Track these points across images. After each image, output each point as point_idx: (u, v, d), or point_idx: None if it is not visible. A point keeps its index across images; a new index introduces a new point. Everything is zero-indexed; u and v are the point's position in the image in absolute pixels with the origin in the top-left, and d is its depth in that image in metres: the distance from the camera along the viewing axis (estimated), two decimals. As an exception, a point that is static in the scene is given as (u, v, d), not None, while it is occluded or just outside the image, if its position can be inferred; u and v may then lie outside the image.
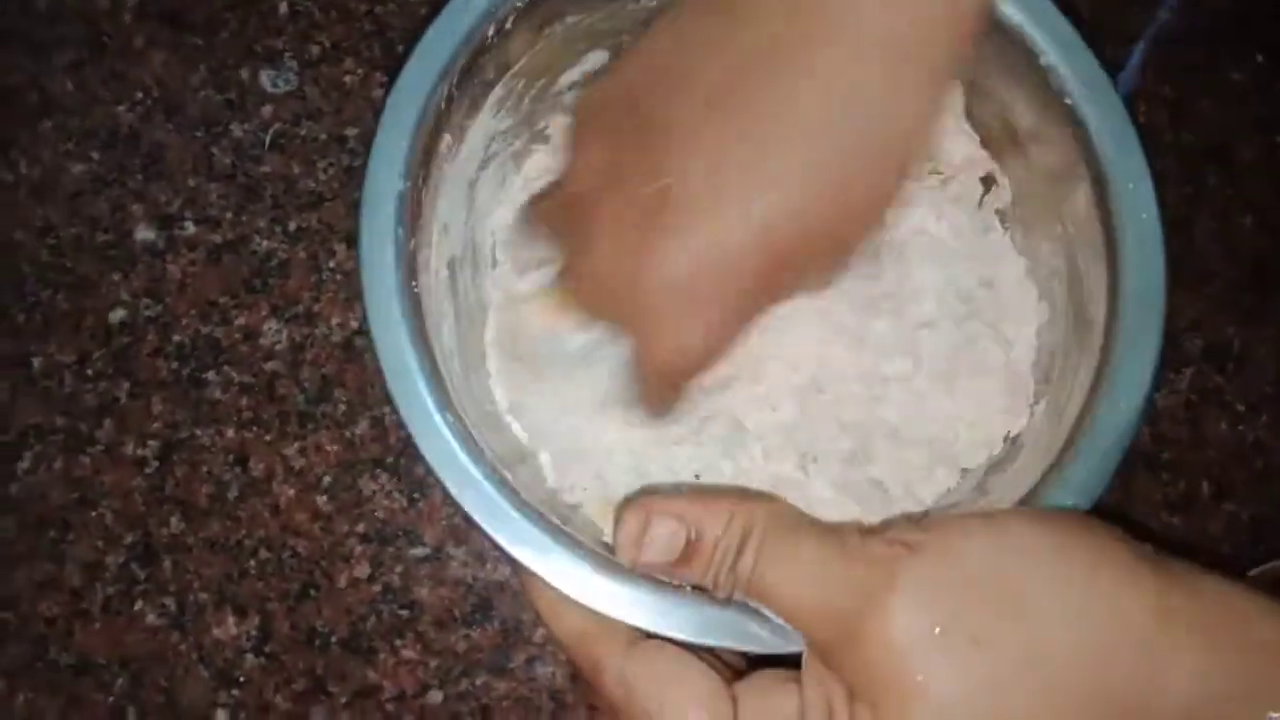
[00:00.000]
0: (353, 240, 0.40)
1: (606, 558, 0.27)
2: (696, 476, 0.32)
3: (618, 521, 0.26)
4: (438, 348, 0.29)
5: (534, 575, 0.27)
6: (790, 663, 0.25)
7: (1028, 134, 0.33)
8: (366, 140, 0.41)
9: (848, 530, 0.25)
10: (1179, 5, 0.43)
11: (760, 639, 0.26)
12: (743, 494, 0.28)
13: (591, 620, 0.26)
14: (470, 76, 0.31)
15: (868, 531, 0.24)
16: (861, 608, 0.23)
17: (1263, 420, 0.39)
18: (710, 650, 0.26)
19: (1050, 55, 0.31)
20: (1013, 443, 0.33)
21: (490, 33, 0.31)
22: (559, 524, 0.27)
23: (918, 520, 0.25)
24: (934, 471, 0.32)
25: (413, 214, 0.30)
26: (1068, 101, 0.31)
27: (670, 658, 0.25)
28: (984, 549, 0.23)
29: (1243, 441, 0.39)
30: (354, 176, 0.41)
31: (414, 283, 0.29)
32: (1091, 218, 0.31)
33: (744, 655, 0.27)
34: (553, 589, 0.26)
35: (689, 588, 0.26)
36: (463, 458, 0.27)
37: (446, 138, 0.32)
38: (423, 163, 0.30)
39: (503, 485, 0.27)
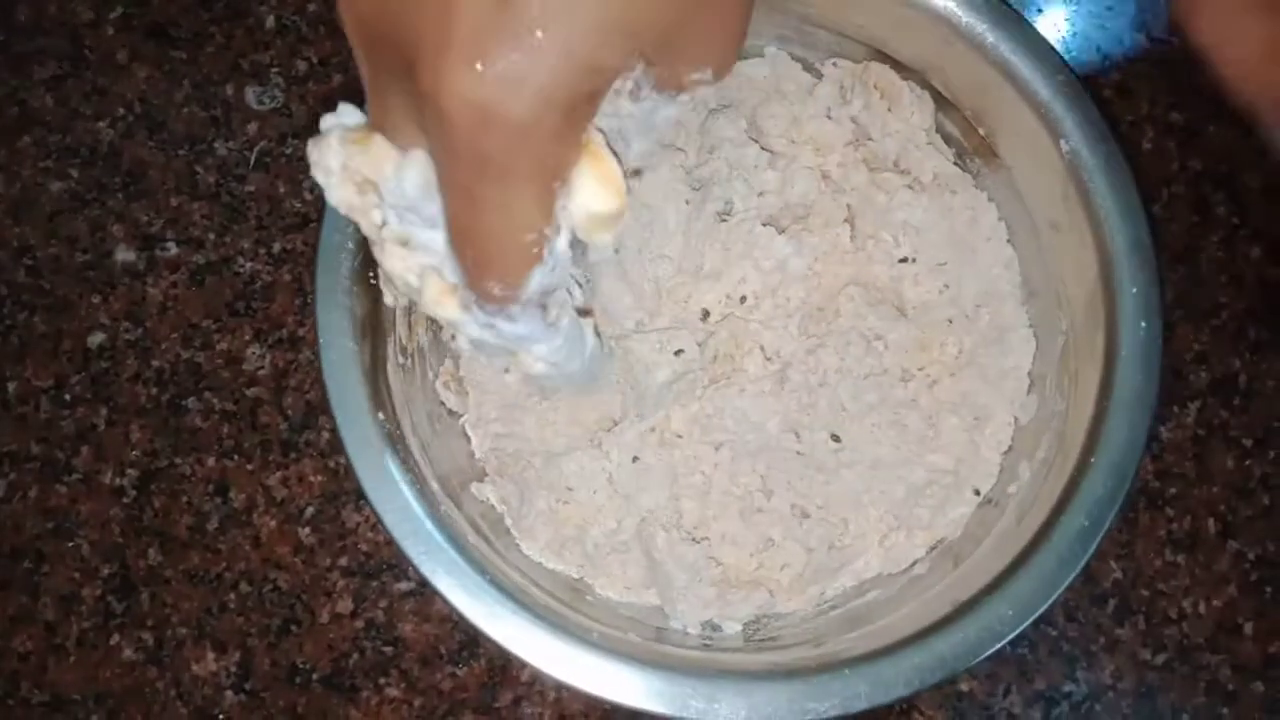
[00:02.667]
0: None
1: (583, 631, 0.27)
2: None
3: None
4: (394, 344, 0.30)
5: None
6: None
7: (1046, 221, 0.33)
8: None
9: None
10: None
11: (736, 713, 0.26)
12: None
13: (1266, 32, 0.20)
14: None
15: None
16: None
17: (1270, 455, 0.39)
18: None
19: (1074, 140, 0.31)
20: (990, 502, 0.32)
21: None
22: (534, 598, 0.28)
23: None
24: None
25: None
26: (1090, 195, 0.31)
27: None
28: None
29: (1249, 477, 0.38)
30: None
31: (371, 274, 0.29)
32: (1095, 318, 0.30)
33: None
34: None
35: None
36: (438, 538, 0.28)
37: None
38: None
39: (470, 551, 0.28)
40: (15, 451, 0.37)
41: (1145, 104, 0.42)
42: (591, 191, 0.21)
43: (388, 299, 0.31)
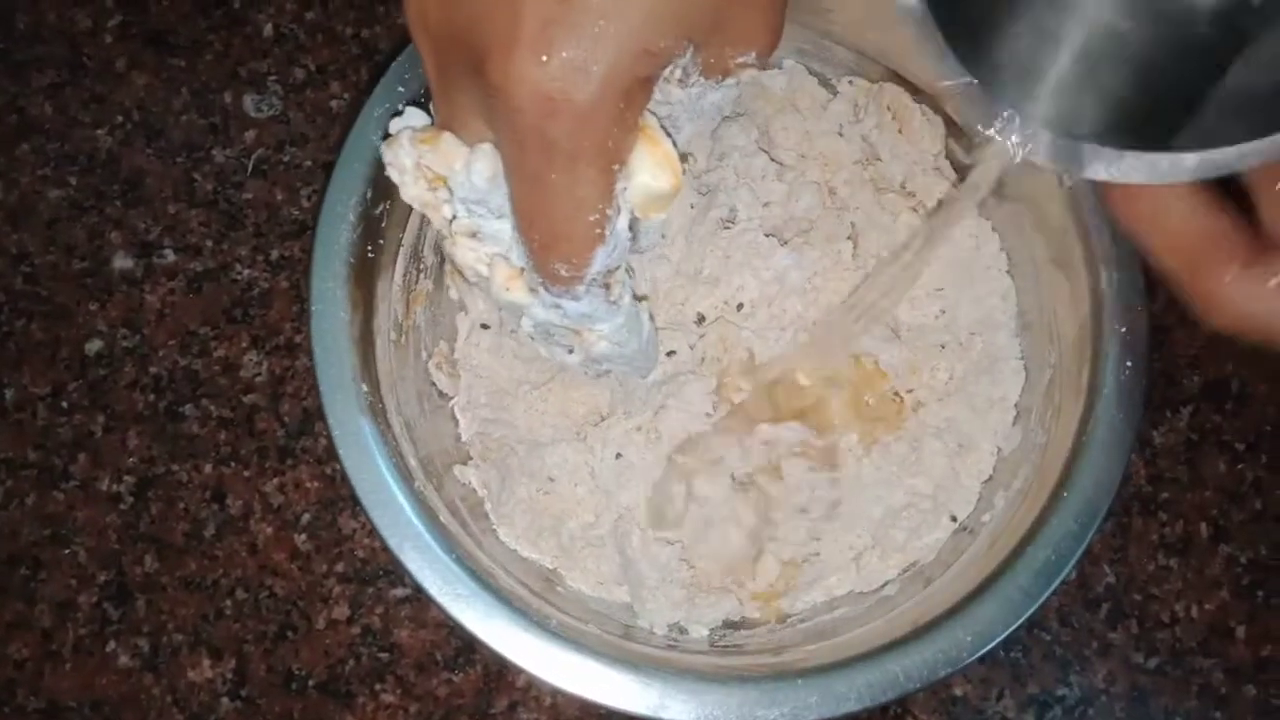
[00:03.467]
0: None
1: (542, 618, 0.27)
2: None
3: None
4: (385, 319, 0.30)
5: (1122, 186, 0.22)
6: None
7: (1046, 255, 0.33)
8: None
9: None
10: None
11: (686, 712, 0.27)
12: None
13: (1199, 225, 0.21)
14: None
15: None
16: None
17: (1262, 460, 0.39)
18: None
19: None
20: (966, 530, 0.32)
21: None
22: (498, 580, 0.28)
23: None
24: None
25: (390, 182, 0.30)
26: (1089, 232, 0.31)
27: None
28: None
29: (1241, 481, 0.39)
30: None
31: (369, 248, 0.29)
32: (1082, 354, 0.30)
33: None
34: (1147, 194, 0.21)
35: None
36: (408, 512, 0.28)
37: None
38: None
39: (439, 528, 0.28)
40: (12, 458, 0.37)
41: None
42: (649, 172, 0.23)
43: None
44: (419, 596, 0.36)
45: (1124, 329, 0.30)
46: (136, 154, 0.40)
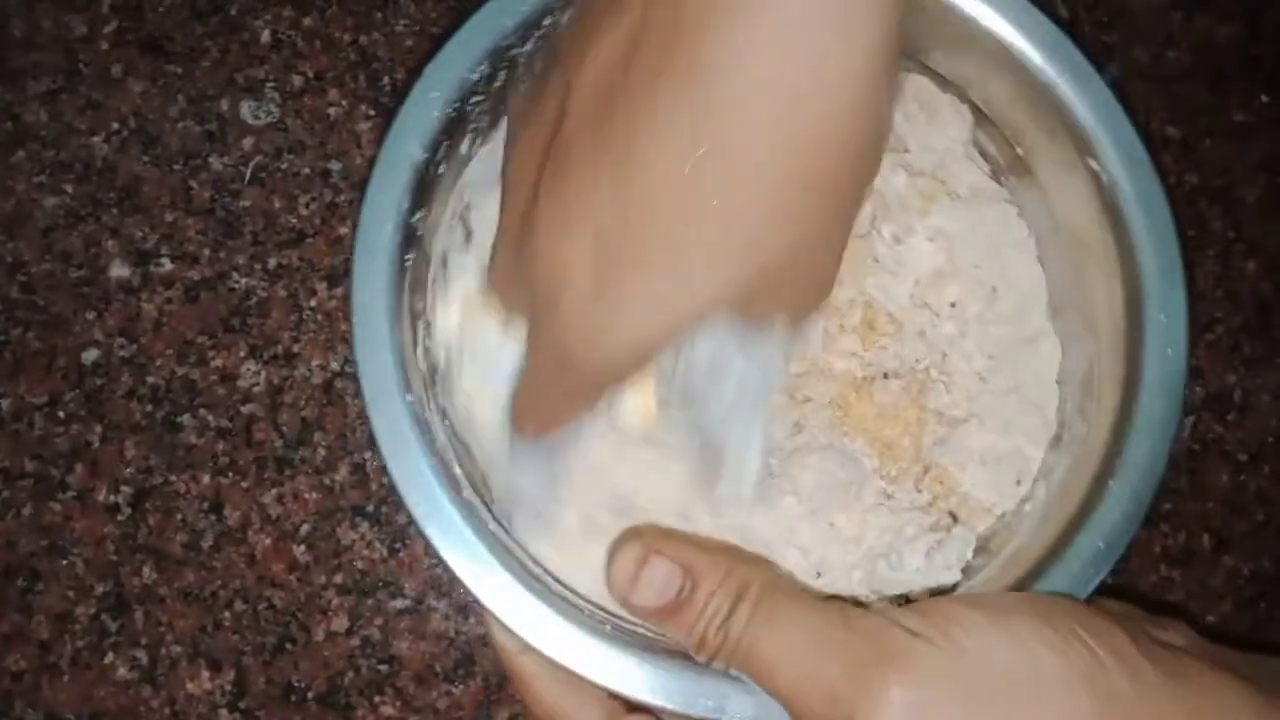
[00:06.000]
0: (335, 279, 0.39)
1: (596, 622, 0.27)
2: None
3: (613, 554, 0.25)
4: (421, 340, 0.30)
5: (513, 637, 0.26)
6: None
7: (1078, 243, 0.33)
8: (350, 175, 0.40)
9: (845, 605, 0.24)
10: (1172, 40, 0.43)
11: (744, 711, 0.26)
12: (736, 552, 0.26)
13: (569, 689, 0.26)
14: (515, 62, 0.30)
15: (864, 611, 0.24)
16: (858, 693, 0.22)
17: (1265, 470, 0.39)
18: None
19: (1109, 164, 0.31)
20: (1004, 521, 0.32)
21: (547, 21, 0.30)
22: (550, 586, 0.27)
23: (912, 605, 0.24)
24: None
25: (426, 189, 0.29)
26: (1123, 220, 0.30)
27: None
28: (989, 647, 0.22)
29: (1244, 492, 0.38)
30: (336, 212, 0.39)
31: (407, 256, 0.29)
32: (1121, 343, 0.30)
33: None
34: (534, 656, 0.26)
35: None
36: (456, 519, 0.27)
37: (487, 117, 0.30)
38: (445, 133, 0.29)
39: (488, 535, 0.27)
40: (9, 469, 0.36)
41: (1141, 118, 0.42)
42: (631, 409, 0.28)
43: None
44: (418, 607, 0.36)
45: (1164, 317, 0.29)
46: (133, 161, 0.40)
